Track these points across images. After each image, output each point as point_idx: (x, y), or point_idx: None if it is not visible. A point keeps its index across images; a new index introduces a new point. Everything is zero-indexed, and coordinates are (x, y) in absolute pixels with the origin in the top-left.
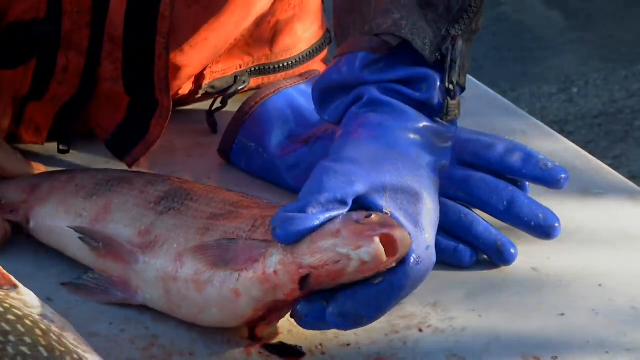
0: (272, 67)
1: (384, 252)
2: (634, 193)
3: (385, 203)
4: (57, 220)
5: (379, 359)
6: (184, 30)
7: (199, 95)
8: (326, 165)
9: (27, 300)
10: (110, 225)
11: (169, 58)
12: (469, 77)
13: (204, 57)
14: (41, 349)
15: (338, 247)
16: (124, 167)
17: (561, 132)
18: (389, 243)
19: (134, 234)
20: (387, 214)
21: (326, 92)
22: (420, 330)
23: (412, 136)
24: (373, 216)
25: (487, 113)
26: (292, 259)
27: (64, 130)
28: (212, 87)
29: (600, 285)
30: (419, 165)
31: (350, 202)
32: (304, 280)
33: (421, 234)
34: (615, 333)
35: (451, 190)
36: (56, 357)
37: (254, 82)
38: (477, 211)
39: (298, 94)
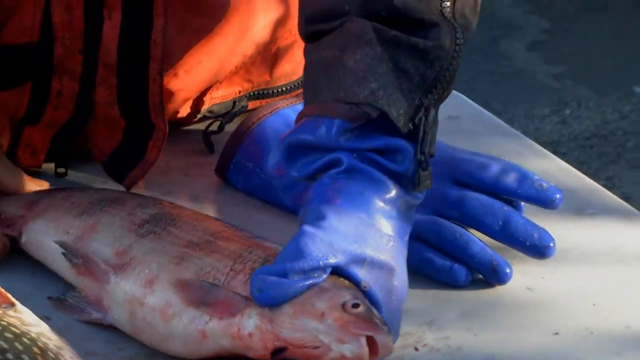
0: (271, 92)
1: (367, 354)
2: (629, 213)
3: (363, 276)
4: (47, 235)
5: None
6: (177, 55)
7: (197, 119)
8: (310, 231)
9: (24, 318)
10: (93, 244)
11: (163, 83)
12: (463, 97)
13: (200, 82)
14: None
15: (321, 335)
16: (122, 187)
17: (554, 153)
18: (371, 344)
19: (111, 254)
20: (366, 288)
21: (295, 149)
22: (416, 349)
23: (389, 208)
24: (360, 307)
25: (482, 133)
26: (270, 328)
27: (61, 154)
28: (211, 111)
29: (594, 304)
30: (393, 239)
31: (329, 270)
32: (278, 351)
33: (393, 312)
34: (610, 352)
35: (446, 210)
36: None
37: (251, 104)
38: (473, 231)
39: (294, 113)
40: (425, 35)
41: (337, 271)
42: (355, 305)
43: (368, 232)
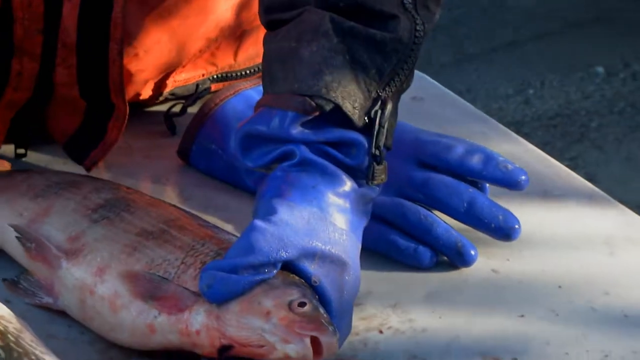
0: (235, 74)
1: (312, 355)
2: (594, 195)
3: (314, 270)
4: (1, 217)
5: None
6: (137, 35)
7: (159, 101)
8: (260, 225)
9: None
10: (45, 227)
11: (122, 63)
12: (428, 77)
13: (160, 63)
14: None
15: (266, 334)
16: (82, 169)
17: (517, 133)
18: (316, 344)
19: (63, 239)
20: (316, 282)
21: (250, 139)
22: (381, 332)
23: (342, 202)
24: (307, 307)
25: (446, 114)
26: (216, 325)
27: (21, 135)
28: (173, 94)
29: (560, 286)
30: (346, 233)
31: (279, 265)
32: (224, 349)
33: (344, 307)
34: (575, 334)
35: (411, 192)
36: (14, 358)
37: (214, 87)
38: (437, 213)
39: (258, 94)
40: (383, 27)
41: (288, 266)
42: (302, 304)
43: (320, 226)
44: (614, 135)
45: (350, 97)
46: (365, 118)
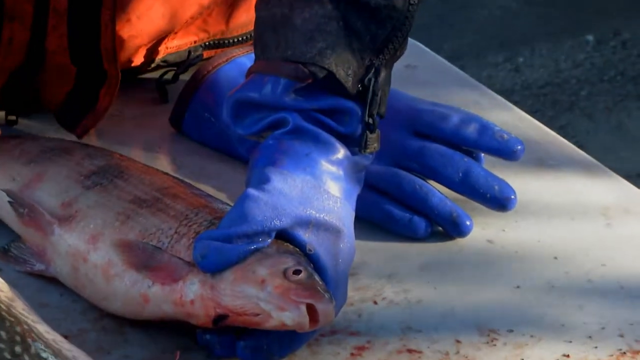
0: (226, 41)
1: (308, 322)
2: (590, 165)
3: (308, 239)
4: None
5: (333, 332)
6: (130, 0)
7: (151, 68)
8: (254, 194)
9: None
10: (38, 193)
11: (115, 29)
12: (421, 45)
13: (152, 29)
14: None
15: (261, 302)
16: (74, 136)
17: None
18: (312, 312)
19: (56, 205)
20: (310, 251)
21: (242, 106)
22: (375, 303)
23: (335, 169)
24: (302, 274)
25: (440, 83)
26: (211, 295)
27: (12, 101)
28: (165, 61)
29: (555, 257)
30: (340, 201)
31: (274, 234)
32: (219, 318)
33: (339, 275)
34: (572, 306)
35: (406, 161)
36: (6, 327)
37: (206, 54)
38: (432, 182)
39: (251, 62)
40: None
41: (282, 234)
42: (297, 272)
43: (314, 194)
44: (604, 104)
45: (344, 65)
46: (359, 85)
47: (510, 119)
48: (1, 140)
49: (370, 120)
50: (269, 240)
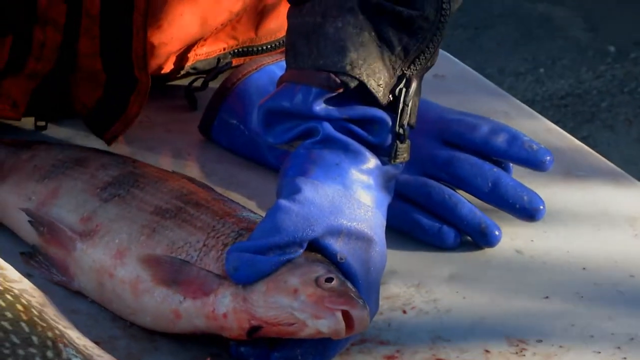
0: (255, 49)
1: (344, 329)
2: (617, 175)
3: (339, 248)
4: (10, 201)
5: (363, 340)
6: (161, 7)
7: (180, 75)
8: (285, 205)
9: (6, 274)
10: (55, 210)
11: (146, 35)
12: (450, 56)
13: (183, 36)
14: (22, 324)
15: (295, 312)
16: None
17: None
18: (347, 319)
19: (76, 220)
20: (342, 260)
21: (273, 115)
22: (404, 312)
23: (366, 179)
24: (334, 282)
25: (469, 93)
26: (244, 307)
27: (42, 106)
28: (195, 68)
29: (584, 268)
30: (372, 210)
31: (305, 245)
32: (253, 330)
33: (371, 283)
34: (600, 316)
35: (434, 171)
36: (38, 332)
37: (236, 61)
38: (461, 192)
39: (280, 70)
40: (410, 5)
41: (313, 244)
42: (329, 280)
43: (345, 203)
44: (624, 116)
45: (375, 75)
46: (390, 96)
47: (538, 129)
48: (13, 153)
49: (401, 131)
50: (301, 251)
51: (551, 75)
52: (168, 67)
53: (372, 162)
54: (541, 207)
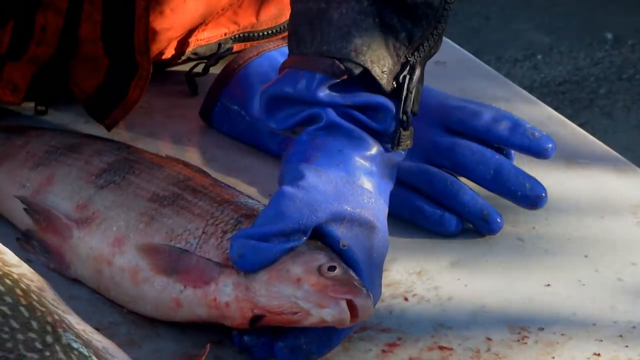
0: (257, 34)
1: (349, 317)
2: (619, 163)
3: (342, 234)
4: (4, 188)
5: (364, 328)
6: None
7: (181, 60)
8: (289, 191)
9: (5, 258)
10: (50, 197)
11: (149, 21)
12: (451, 43)
13: (185, 21)
14: (22, 308)
15: (299, 301)
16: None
17: None
18: (350, 307)
19: (71, 207)
20: (345, 246)
21: (276, 100)
22: (406, 299)
23: (369, 165)
24: (337, 270)
25: (470, 79)
26: (247, 296)
27: (42, 91)
28: (195, 53)
29: (586, 256)
30: (374, 196)
31: (310, 232)
32: (256, 319)
33: (373, 270)
34: (602, 304)
35: (436, 158)
36: (37, 317)
37: (237, 47)
38: (463, 179)
39: (281, 56)
40: None
41: (317, 230)
42: (332, 268)
43: (348, 189)
44: (623, 102)
45: (380, 61)
46: (394, 83)
47: (539, 116)
48: (7, 139)
49: (404, 118)
50: (305, 238)
51: (549, 62)
52: (169, 53)
53: (375, 148)
54: (543, 194)
